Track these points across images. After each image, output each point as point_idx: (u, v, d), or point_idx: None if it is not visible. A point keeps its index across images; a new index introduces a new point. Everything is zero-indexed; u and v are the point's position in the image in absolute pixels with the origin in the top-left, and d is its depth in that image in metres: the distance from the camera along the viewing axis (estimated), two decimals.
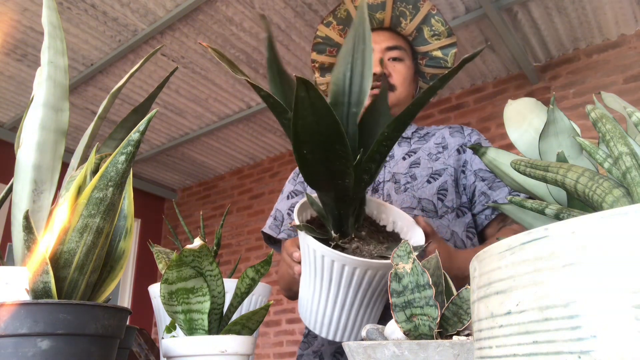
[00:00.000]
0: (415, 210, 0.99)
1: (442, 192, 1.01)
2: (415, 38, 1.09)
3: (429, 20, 1.05)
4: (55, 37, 0.56)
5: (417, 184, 1.02)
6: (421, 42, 1.09)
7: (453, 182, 1.02)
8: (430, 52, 1.10)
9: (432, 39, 1.07)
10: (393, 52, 1.06)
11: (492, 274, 0.24)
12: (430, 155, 1.06)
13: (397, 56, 1.06)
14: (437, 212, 0.99)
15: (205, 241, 0.56)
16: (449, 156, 1.05)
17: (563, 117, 0.44)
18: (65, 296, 0.43)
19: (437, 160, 1.05)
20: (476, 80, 3.17)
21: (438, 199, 1.00)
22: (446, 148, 1.07)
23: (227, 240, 4.16)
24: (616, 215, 0.19)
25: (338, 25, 1.08)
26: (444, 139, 1.09)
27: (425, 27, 1.06)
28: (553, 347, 0.19)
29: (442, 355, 0.41)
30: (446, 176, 1.02)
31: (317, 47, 1.13)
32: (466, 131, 1.11)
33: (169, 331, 0.68)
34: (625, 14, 2.58)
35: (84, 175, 0.48)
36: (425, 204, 1.00)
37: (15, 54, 2.79)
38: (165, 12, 2.48)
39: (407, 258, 0.50)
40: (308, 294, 0.72)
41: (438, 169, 1.03)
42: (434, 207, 0.99)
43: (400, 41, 1.08)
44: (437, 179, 1.02)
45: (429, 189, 1.01)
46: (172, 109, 3.39)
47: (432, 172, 1.03)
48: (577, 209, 0.38)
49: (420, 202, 1.00)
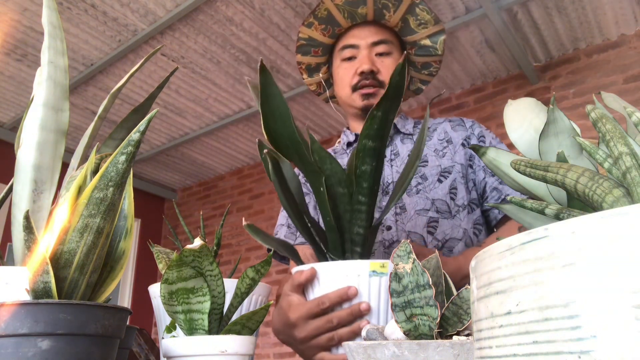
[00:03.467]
0: (430, 212, 0.98)
1: (453, 190, 1.00)
2: (401, 29, 1.06)
3: (413, 10, 1.02)
4: (55, 37, 0.56)
5: (429, 184, 1.00)
6: (408, 32, 1.06)
7: (462, 178, 1.01)
8: (418, 42, 1.07)
9: (419, 28, 1.05)
10: (380, 47, 1.04)
11: (492, 274, 0.24)
12: (436, 152, 1.05)
13: (385, 51, 1.04)
14: (451, 211, 0.98)
15: (205, 241, 0.56)
16: (455, 152, 1.04)
17: (563, 117, 0.44)
18: (66, 296, 0.43)
19: (444, 157, 1.03)
20: (476, 80, 3.17)
21: (450, 199, 0.99)
22: (451, 142, 1.05)
23: (227, 240, 4.16)
24: (616, 215, 0.19)
25: (320, 24, 1.06)
26: (446, 133, 1.08)
27: (411, 17, 1.04)
28: (553, 347, 0.19)
29: (442, 355, 0.41)
30: (455, 173, 1.01)
31: (301, 49, 1.12)
32: (467, 123, 1.09)
33: (169, 331, 0.68)
34: (625, 14, 2.58)
35: (84, 175, 0.48)
36: (439, 204, 0.98)
37: (15, 54, 2.79)
38: (165, 12, 2.48)
39: (407, 258, 0.50)
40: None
41: (446, 166, 1.02)
42: (447, 207, 0.98)
43: (387, 34, 1.06)
44: (448, 177, 1.01)
45: (441, 189, 0.99)
46: (172, 109, 3.39)
47: (442, 171, 1.01)
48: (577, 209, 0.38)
49: (434, 203, 0.98)
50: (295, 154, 0.66)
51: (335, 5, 1.02)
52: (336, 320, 0.61)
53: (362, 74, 1.01)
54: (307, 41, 1.10)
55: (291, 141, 0.65)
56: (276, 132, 0.65)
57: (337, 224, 0.67)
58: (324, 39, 1.09)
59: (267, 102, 0.64)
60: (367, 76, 1.01)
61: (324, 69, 1.16)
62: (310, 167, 0.65)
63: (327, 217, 0.66)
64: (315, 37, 1.09)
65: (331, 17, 1.04)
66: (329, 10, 1.03)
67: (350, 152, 1.13)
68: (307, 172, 0.66)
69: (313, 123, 3.62)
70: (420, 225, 0.98)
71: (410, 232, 0.98)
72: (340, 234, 0.67)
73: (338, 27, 1.06)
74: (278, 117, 0.64)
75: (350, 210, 0.66)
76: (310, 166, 0.65)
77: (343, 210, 0.67)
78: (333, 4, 1.02)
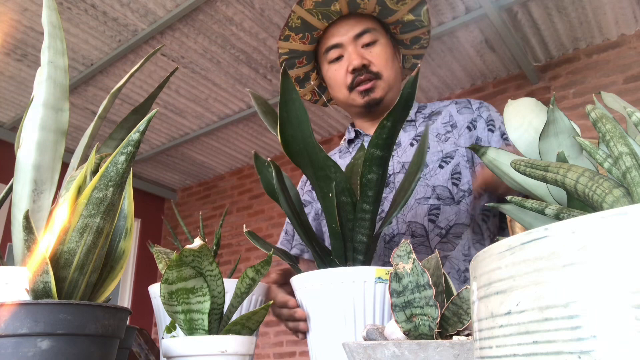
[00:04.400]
0: (431, 200, 0.95)
1: (455, 175, 0.97)
2: (380, 12, 1.01)
3: None
4: (55, 37, 0.56)
5: (429, 171, 0.98)
6: (388, 14, 1.01)
7: (467, 162, 0.98)
8: (401, 19, 1.03)
9: (398, 5, 0.99)
10: (364, 38, 0.99)
11: (492, 274, 0.24)
12: (439, 137, 1.01)
13: (370, 40, 0.99)
14: (454, 197, 0.95)
15: (205, 241, 0.56)
16: (460, 135, 1.00)
17: (563, 117, 0.44)
18: (66, 296, 0.43)
19: (447, 142, 1.00)
20: (476, 80, 3.17)
21: (453, 184, 0.96)
22: (455, 127, 1.02)
23: (227, 240, 4.16)
24: (616, 215, 0.19)
25: (297, 34, 1.02)
26: (451, 117, 1.04)
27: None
28: (553, 347, 0.19)
29: (442, 355, 0.41)
30: (458, 157, 0.98)
31: (287, 66, 1.07)
32: (474, 105, 1.05)
33: (169, 331, 0.68)
34: (625, 14, 2.58)
35: (84, 175, 0.48)
36: (440, 191, 0.96)
37: (15, 54, 2.79)
38: (165, 12, 2.48)
39: (407, 258, 0.50)
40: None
41: (449, 151, 0.99)
42: (449, 194, 0.95)
43: (367, 22, 1.00)
44: (450, 162, 0.98)
45: (442, 175, 0.97)
46: (172, 109, 3.39)
47: (443, 156, 0.99)
48: (577, 209, 0.38)
49: (435, 190, 0.96)
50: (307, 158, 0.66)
51: (307, 10, 0.98)
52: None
53: (354, 71, 0.98)
54: (288, 54, 1.06)
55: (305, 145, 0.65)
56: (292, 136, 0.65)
57: (341, 231, 0.67)
58: (305, 47, 1.05)
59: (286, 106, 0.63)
60: (361, 72, 0.98)
61: (313, 76, 1.12)
62: (321, 172, 0.66)
63: (333, 224, 0.66)
64: (295, 48, 1.05)
65: (306, 24, 1.00)
66: (302, 18, 0.99)
67: (352, 150, 1.13)
68: (317, 177, 0.66)
69: (313, 123, 3.62)
70: (421, 215, 0.96)
71: (411, 222, 0.97)
72: (344, 242, 0.68)
73: (315, 31, 1.02)
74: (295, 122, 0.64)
75: (353, 219, 0.67)
76: (322, 171, 0.65)
77: (345, 219, 0.67)
78: (304, 10, 0.97)
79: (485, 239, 0.98)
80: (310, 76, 1.12)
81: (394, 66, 1.02)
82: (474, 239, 0.96)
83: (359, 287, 0.62)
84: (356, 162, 0.77)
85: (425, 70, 3.00)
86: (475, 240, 0.96)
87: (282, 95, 0.63)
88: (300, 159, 0.66)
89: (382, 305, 0.63)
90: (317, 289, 0.65)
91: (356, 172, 0.74)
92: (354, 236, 0.67)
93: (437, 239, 0.96)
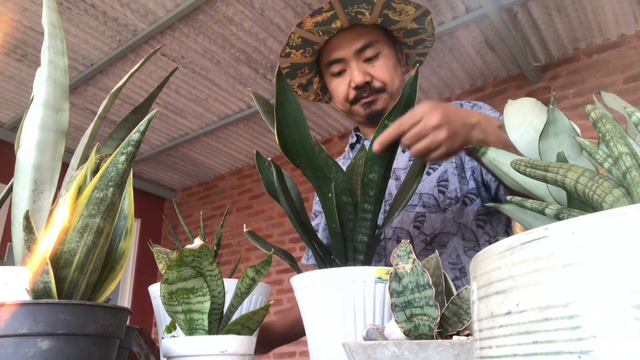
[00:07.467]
0: (417, 207, 0.95)
1: (442, 183, 0.95)
2: (382, 22, 0.98)
3: (389, 6, 0.94)
4: (55, 37, 0.56)
5: None
6: (390, 23, 0.98)
7: (455, 169, 0.96)
8: (404, 27, 1.00)
9: (401, 16, 0.96)
10: (366, 52, 0.97)
11: (492, 274, 0.24)
12: None
13: (372, 54, 0.97)
14: (440, 205, 0.94)
15: (205, 241, 0.56)
16: None
17: (563, 117, 0.43)
18: (66, 296, 0.43)
19: None
20: (476, 80, 3.17)
21: (439, 192, 0.95)
22: None
23: (227, 240, 4.16)
24: (616, 215, 0.19)
25: (297, 50, 1.00)
26: None
27: (389, 12, 0.96)
28: (553, 347, 0.19)
29: (442, 355, 0.41)
30: (446, 165, 0.96)
31: (288, 76, 1.06)
32: (466, 106, 1.03)
33: (169, 331, 0.68)
34: (625, 14, 2.58)
35: (84, 175, 0.48)
36: (426, 199, 0.95)
37: (15, 54, 2.79)
38: (165, 12, 2.48)
39: (407, 258, 0.50)
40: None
41: None
42: (435, 201, 0.94)
43: (369, 34, 0.97)
44: (436, 169, 0.96)
45: (428, 182, 0.96)
46: (172, 109, 3.39)
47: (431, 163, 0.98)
48: (577, 209, 0.38)
49: (421, 197, 0.95)
50: (305, 159, 0.66)
51: (307, 30, 0.95)
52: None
53: (357, 87, 0.97)
54: (290, 67, 1.04)
55: (302, 146, 0.65)
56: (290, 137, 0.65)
57: (341, 231, 0.67)
58: (307, 60, 1.03)
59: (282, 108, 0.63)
60: (364, 88, 0.96)
61: (316, 80, 1.11)
62: (319, 173, 0.66)
63: (333, 224, 0.66)
64: (297, 62, 1.03)
65: (306, 41, 0.98)
66: (302, 37, 0.97)
67: (354, 155, 1.12)
68: (316, 177, 0.67)
69: (313, 123, 3.62)
70: (407, 221, 0.96)
71: (397, 228, 0.96)
72: (344, 242, 0.68)
73: (316, 44, 1.00)
74: (292, 123, 0.65)
75: (353, 219, 0.67)
76: (320, 172, 0.65)
77: (346, 218, 0.67)
78: (304, 30, 0.95)
79: (481, 245, 0.96)
80: (313, 80, 1.12)
81: (397, 74, 1.01)
82: (465, 247, 0.95)
83: (359, 287, 0.62)
84: (357, 162, 0.77)
85: (425, 70, 3.00)
86: (468, 248, 0.95)
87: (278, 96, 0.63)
88: (298, 159, 0.66)
89: (382, 305, 0.63)
90: (317, 289, 0.65)
91: (357, 172, 0.74)
92: (354, 236, 0.67)
93: (421, 245, 0.96)
